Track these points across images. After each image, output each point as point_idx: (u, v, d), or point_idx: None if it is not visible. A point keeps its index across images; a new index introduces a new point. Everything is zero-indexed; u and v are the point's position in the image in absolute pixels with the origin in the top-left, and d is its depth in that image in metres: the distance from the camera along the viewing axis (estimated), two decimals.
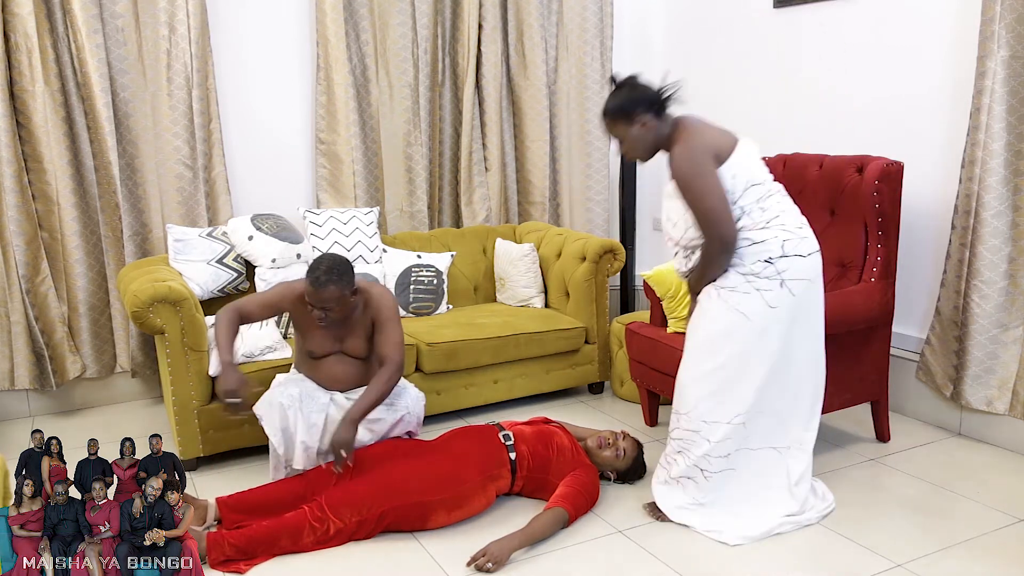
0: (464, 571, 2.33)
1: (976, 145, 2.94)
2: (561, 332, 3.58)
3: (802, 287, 2.38)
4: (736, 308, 2.37)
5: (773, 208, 2.39)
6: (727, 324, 2.39)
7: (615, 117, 2.38)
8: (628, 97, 2.37)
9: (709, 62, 4.24)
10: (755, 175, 2.39)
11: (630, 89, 2.39)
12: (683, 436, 2.50)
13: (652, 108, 2.36)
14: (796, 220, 2.45)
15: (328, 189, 3.95)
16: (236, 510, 2.52)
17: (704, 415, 2.45)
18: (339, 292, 2.55)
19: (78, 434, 3.13)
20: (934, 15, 3.20)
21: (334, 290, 2.53)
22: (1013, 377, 2.99)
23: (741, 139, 2.41)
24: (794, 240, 2.38)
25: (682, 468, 2.52)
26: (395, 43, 3.93)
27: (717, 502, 2.51)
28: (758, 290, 2.35)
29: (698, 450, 2.47)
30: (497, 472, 2.63)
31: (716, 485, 2.50)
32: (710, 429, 2.45)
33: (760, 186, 2.39)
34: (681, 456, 2.52)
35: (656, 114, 2.37)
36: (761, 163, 2.46)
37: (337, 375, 2.76)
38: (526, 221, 4.41)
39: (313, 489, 2.55)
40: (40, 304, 3.49)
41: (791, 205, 2.48)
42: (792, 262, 2.36)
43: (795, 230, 2.41)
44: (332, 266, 2.56)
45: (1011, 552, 2.38)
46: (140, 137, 3.56)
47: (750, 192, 2.37)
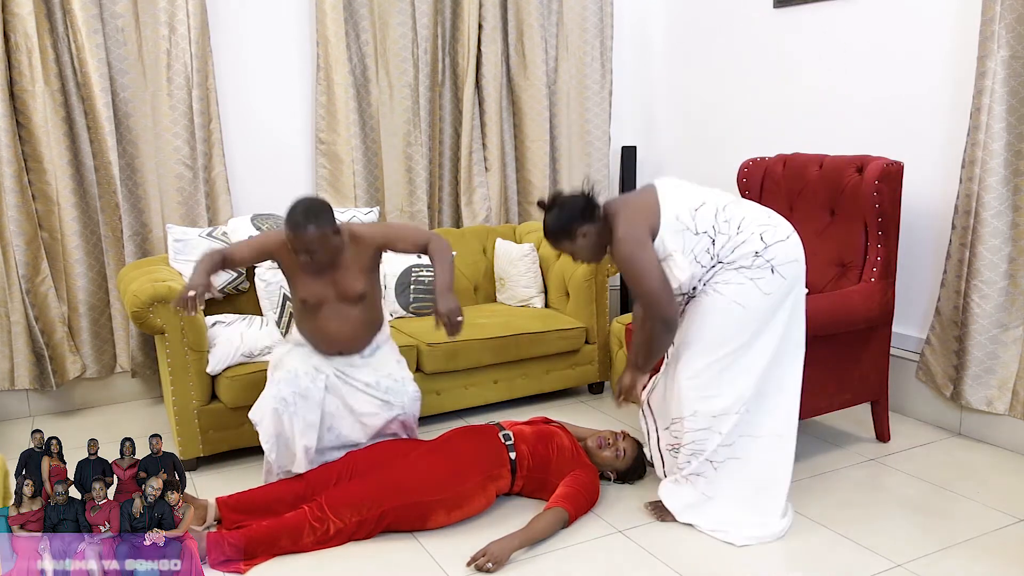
0: (464, 571, 2.33)
1: (976, 145, 2.94)
2: (561, 332, 3.58)
3: (791, 269, 2.43)
4: (733, 300, 2.41)
5: (736, 213, 2.45)
6: (727, 317, 2.42)
7: (558, 238, 2.49)
8: (562, 216, 2.46)
9: (709, 62, 4.24)
10: (691, 201, 2.45)
11: (560, 208, 2.47)
12: (695, 438, 2.50)
13: (585, 217, 2.45)
14: (762, 213, 2.51)
15: (328, 189, 3.95)
16: (236, 510, 2.52)
17: (711, 410, 2.46)
18: (319, 232, 2.51)
19: (78, 434, 3.13)
20: (934, 15, 3.20)
21: (314, 231, 2.50)
22: (1013, 377, 2.99)
23: (656, 185, 2.49)
24: (770, 229, 2.44)
25: (695, 466, 2.53)
26: (395, 43, 3.93)
27: (724, 494, 2.52)
28: (751, 280, 2.40)
29: (711, 445, 2.49)
30: (497, 472, 2.63)
31: (724, 475, 2.51)
32: (719, 422, 2.47)
33: (705, 205, 2.44)
34: (694, 457, 2.52)
35: (590, 220, 2.46)
36: (689, 188, 2.51)
37: (334, 332, 2.70)
38: (526, 221, 4.41)
39: (313, 489, 2.55)
40: (40, 304, 3.49)
41: (750, 203, 2.54)
42: (776, 248, 2.42)
43: (767, 220, 2.47)
44: (308, 208, 2.52)
45: (1011, 552, 2.38)
46: (140, 137, 3.57)
47: (701, 215, 2.42)
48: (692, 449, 2.52)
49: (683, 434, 2.53)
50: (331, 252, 2.61)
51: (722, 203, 2.46)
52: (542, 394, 3.69)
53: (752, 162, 3.41)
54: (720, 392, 2.45)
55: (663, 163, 4.60)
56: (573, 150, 4.44)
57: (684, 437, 2.53)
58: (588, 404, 3.70)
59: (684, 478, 2.55)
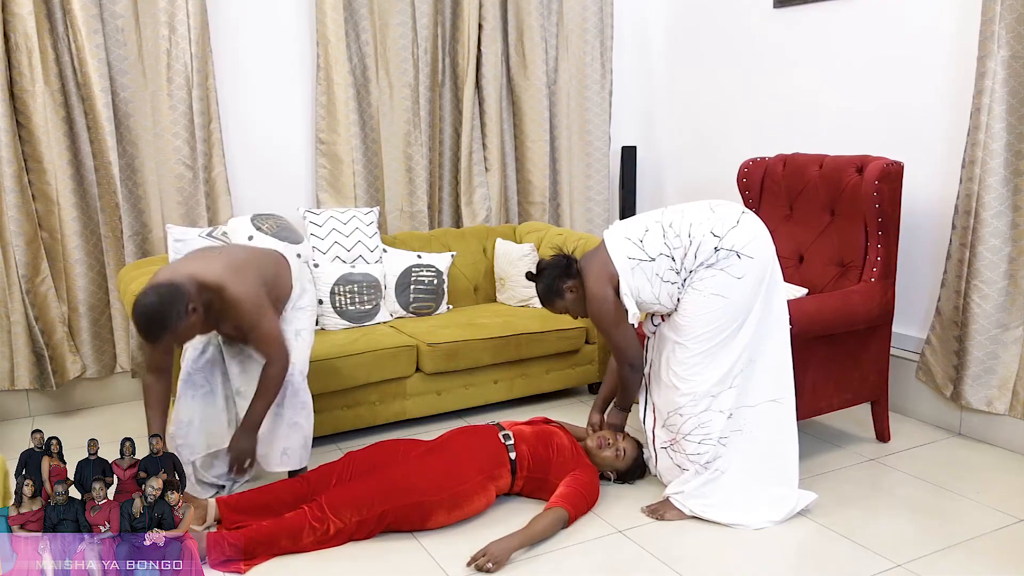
0: (464, 571, 2.33)
1: (976, 145, 2.94)
2: (561, 332, 3.57)
3: (755, 247, 2.50)
4: (712, 292, 2.50)
5: (682, 223, 2.55)
6: (710, 309, 2.50)
7: (551, 300, 2.69)
8: (549, 280, 2.67)
9: (709, 62, 4.24)
10: (634, 233, 2.57)
11: (545, 274, 2.68)
12: (700, 422, 2.54)
13: (568, 275, 2.65)
14: (704, 210, 2.57)
15: (328, 189, 3.95)
16: (236, 510, 2.52)
17: (707, 389, 2.53)
18: (172, 335, 2.38)
19: (78, 434, 3.13)
20: (934, 15, 3.20)
21: (168, 336, 2.38)
22: (1013, 377, 2.99)
23: (604, 236, 2.64)
24: (718, 221, 2.52)
25: (709, 452, 2.55)
26: (395, 43, 3.93)
27: (733, 468, 2.56)
28: (722, 270, 2.49)
29: (717, 425, 2.54)
30: (497, 472, 2.63)
31: (731, 449, 2.56)
32: (717, 401, 2.53)
33: (649, 231, 2.57)
34: (706, 442, 2.56)
35: (572, 276, 2.65)
36: (632, 222, 2.64)
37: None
38: (526, 221, 4.41)
39: (314, 489, 2.55)
40: (40, 304, 3.49)
41: (694, 206, 2.61)
42: (731, 235, 2.50)
43: (710, 214, 2.55)
44: (148, 322, 2.33)
45: (1011, 552, 2.38)
46: (140, 137, 3.57)
47: (648, 241, 2.54)
48: (700, 436, 2.55)
49: (684, 423, 2.56)
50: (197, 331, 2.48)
51: (667, 220, 2.57)
52: (542, 394, 3.69)
53: (752, 162, 3.41)
54: (709, 370, 2.52)
55: (663, 163, 4.60)
56: (573, 150, 4.44)
57: (686, 426, 2.56)
58: (588, 404, 3.69)
59: (703, 467, 2.57)
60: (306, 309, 2.79)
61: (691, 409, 2.54)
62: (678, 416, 2.57)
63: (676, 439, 2.61)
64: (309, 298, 2.84)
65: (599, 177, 4.45)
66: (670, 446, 2.65)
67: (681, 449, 2.60)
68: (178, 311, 2.33)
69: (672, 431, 2.62)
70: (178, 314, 2.34)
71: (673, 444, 2.63)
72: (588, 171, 4.44)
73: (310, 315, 2.81)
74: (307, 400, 2.74)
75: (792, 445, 2.61)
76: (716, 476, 2.56)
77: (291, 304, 2.76)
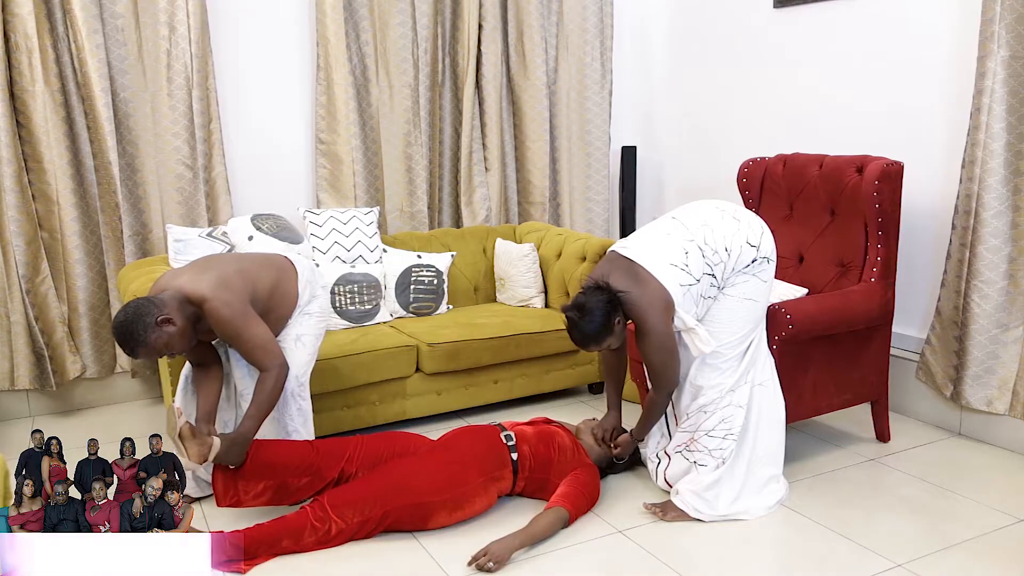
0: (465, 571, 2.33)
1: (976, 145, 2.94)
2: (561, 332, 3.57)
3: (773, 250, 2.59)
4: (745, 297, 2.53)
5: (714, 238, 2.50)
6: (742, 313, 2.54)
7: (601, 338, 2.47)
8: (596, 317, 2.43)
9: (709, 62, 4.24)
10: (676, 258, 2.46)
11: (590, 311, 2.43)
12: (723, 416, 2.57)
13: (615, 308, 2.45)
14: (728, 219, 2.56)
15: (328, 189, 3.95)
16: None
17: (731, 387, 2.56)
18: (146, 348, 2.34)
19: (78, 434, 3.13)
20: (934, 15, 3.20)
21: (143, 350, 2.36)
22: (1013, 377, 3.00)
23: (644, 266, 2.46)
24: (745, 229, 2.53)
25: (731, 447, 2.57)
26: (395, 43, 3.93)
27: (741, 459, 2.60)
28: (755, 275, 2.54)
29: (738, 420, 2.57)
30: (499, 473, 2.63)
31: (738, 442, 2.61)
32: (737, 396, 2.57)
33: (688, 252, 2.46)
34: (728, 437, 2.58)
35: (617, 308, 2.46)
36: (659, 244, 2.51)
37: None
38: (526, 221, 4.41)
39: (321, 460, 2.54)
40: (40, 304, 3.49)
41: (710, 215, 2.56)
42: (764, 241, 2.55)
43: (735, 224, 2.54)
44: (120, 336, 2.32)
45: (1011, 552, 2.38)
46: (140, 137, 3.57)
47: (692, 263, 2.46)
48: (723, 431, 2.57)
49: (707, 419, 2.58)
50: (176, 345, 2.43)
51: (699, 239, 2.49)
52: (542, 394, 3.69)
53: (752, 162, 3.41)
54: (736, 368, 2.57)
55: (663, 163, 4.60)
56: (573, 150, 4.44)
57: (709, 422, 2.58)
58: (588, 404, 3.70)
59: (722, 462, 2.58)
60: (313, 315, 2.77)
61: (715, 405, 2.57)
62: (702, 414, 2.59)
63: (695, 438, 2.61)
64: (319, 304, 2.80)
65: (599, 177, 4.45)
66: (686, 447, 2.65)
67: (702, 447, 2.60)
68: (145, 324, 2.30)
69: (691, 431, 2.62)
70: (145, 326, 2.30)
71: (691, 444, 2.63)
72: (588, 171, 4.44)
73: (316, 322, 2.77)
74: (305, 407, 2.74)
75: (779, 427, 2.67)
76: (726, 471, 2.58)
77: (298, 310, 2.75)
